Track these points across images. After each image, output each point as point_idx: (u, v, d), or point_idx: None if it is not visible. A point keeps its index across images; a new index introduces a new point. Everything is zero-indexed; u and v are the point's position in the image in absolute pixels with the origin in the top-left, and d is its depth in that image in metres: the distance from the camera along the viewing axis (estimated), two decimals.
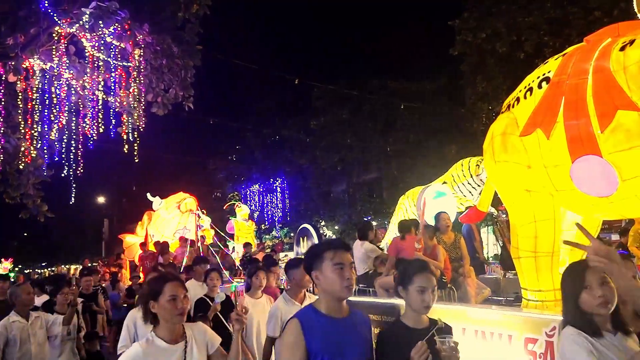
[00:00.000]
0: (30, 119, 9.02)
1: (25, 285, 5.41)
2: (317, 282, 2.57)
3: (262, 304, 5.48)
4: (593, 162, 4.56)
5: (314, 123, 26.40)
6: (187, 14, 9.44)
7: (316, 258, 2.59)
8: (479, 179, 10.23)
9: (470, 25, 16.18)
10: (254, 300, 5.44)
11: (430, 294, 2.85)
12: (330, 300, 2.55)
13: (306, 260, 2.68)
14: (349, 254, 2.59)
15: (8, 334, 4.89)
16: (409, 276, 2.88)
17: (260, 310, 5.38)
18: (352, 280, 2.50)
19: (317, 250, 2.66)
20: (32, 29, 8.20)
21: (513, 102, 5.61)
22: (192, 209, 16.14)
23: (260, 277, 5.52)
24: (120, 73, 9.24)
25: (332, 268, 2.51)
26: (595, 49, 4.83)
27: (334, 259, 2.53)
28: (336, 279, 2.50)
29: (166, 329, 2.85)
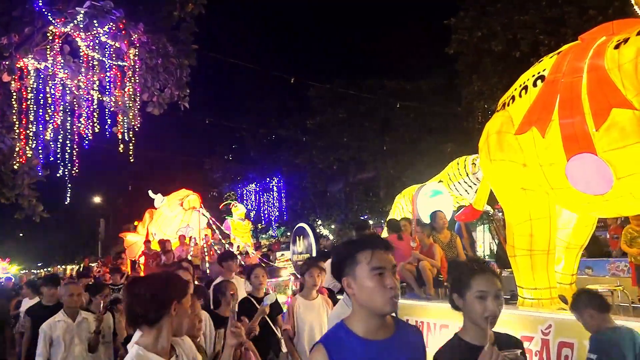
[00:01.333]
0: (25, 119, 8.97)
1: (72, 285, 5.16)
2: (350, 291, 1.94)
3: (318, 306, 4.90)
4: (588, 160, 4.58)
5: (310, 122, 26.41)
6: (182, 13, 9.41)
7: (347, 260, 1.97)
8: (475, 178, 10.25)
9: (466, 24, 16.21)
10: (307, 301, 4.89)
11: (493, 301, 2.24)
12: (367, 316, 1.92)
13: (335, 263, 2.06)
14: (390, 255, 1.98)
15: (52, 334, 4.71)
16: (464, 280, 2.30)
17: (315, 313, 4.83)
18: (397, 289, 1.90)
19: (349, 250, 2.01)
20: (27, 28, 8.17)
21: (508, 101, 5.62)
22: (195, 206, 15.83)
23: (315, 275, 4.89)
24: (115, 72, 9.20)
25: (370, 274, 1.89)
26: (589, 47, 4.84)
27: (372, 261, 1.91)
28: (375, 289, 1.88)
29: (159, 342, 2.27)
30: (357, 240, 2.12)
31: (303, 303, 4.87)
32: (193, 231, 15.22)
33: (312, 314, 4.82)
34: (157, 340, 2.25)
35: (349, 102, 24.70)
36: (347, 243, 2.12)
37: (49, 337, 4.69)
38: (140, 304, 2.23)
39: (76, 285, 5.21)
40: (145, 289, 2.25)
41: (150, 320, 2.24)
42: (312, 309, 4.84)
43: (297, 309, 4.81)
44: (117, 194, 39.29)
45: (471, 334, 2.28)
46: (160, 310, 2.25)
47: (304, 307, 4.83)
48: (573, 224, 5.82)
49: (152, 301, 2.24)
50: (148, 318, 2.24)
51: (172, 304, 2.27)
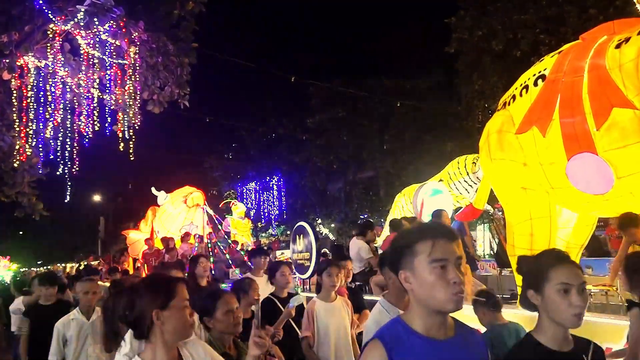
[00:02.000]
0: (25, 117, 8.97)
1: (88, 283, 4.97)
2: (408, 287, 1.76)
3: (339, 309, 4.53)
4: (589, 159, 4.58)
5: (310, 121, 26.41)
6: (182, 11, 9.40)
7: (405, 252, 1.76)
8: (475, 177, 10.26)
9: (466, 23, 16.21)
10: (327, 304, 4.48)
11: (579, 295, 1.97)
12: (427, 313, 1.73)
13: (391, 254, 1.85)
14: (455, 245, 1.76)
15: (65, 332, 4.53)
16: (542, 271, 2.04)
17: (337, 316, 4.47)
18: (462, 284, 1.70)
19: (407, 239, 1.79)
20: (27, 26, 8.16)
21: (509, 100, 5.62)
22: (199, 204, 15.64)
23: (334, 275, 4.49)
24: (115, 71, 9.20)
25: (430, 267, 1.69)
26: (590, 46, 4.85)
27: (433, 252, 1.70)
28: (436, 284, 1.69)
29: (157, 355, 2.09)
30: (416, 229, 1.86)
31: (323, 306, 4.45)
32: (197, 229, 15.03)
33: (334, 318, 4.43)
34: (154, 353, 2.09)
35: (348, 101, 24.70)
36: (405, 232, 1.88)
37: (62, 335, 4.52)
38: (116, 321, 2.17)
39: (92, 283, 5.05)
40: (121, 303, 2.12)
41: (138, 335, 2.10)
42: (333, 312, 4.46)
43: (317, 313, 4.40)
44: (116, 193, 39.33)
45: (549, 335, 2.02)
46: (141, 324, 2.07)
47: (324, 311, 4.42)
48: (573, 223, 5.82)
49: (129, 315, 2.09)
50: (135, 334, 2.10)
51: (151, 313, 2.05)
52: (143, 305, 2.07)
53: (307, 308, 4.47)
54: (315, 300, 4.51)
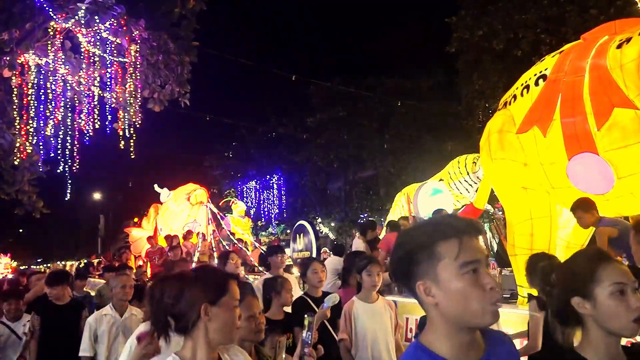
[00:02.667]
0: (26, 115, 8.98)
1: (123, 276, 4.76)
2: (429, 301, 1.38)
3: (380, 310, 4.17)
4: (589, 159, 4.59)
5: (310, 120, 26.39)
6: (183, 9, 9.40)
7: (421, 256, 1.38)
8: (475, 177, 10.25)
9: (467, 22, 16.19)
10: (367, 305, 4.15)
11: (634, 295, 1.64)
12: (456, 332, 1.38)
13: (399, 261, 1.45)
14: (481, 242, 1.46)
15: (97, 328, 4.33)
16: (588, 274, 1.69)
17: (378, 319, 4.12)
18: (497, 292, 1.36)
19: (422, 240, 1.40)
20: (27, 24, 8.16)
21: (510, 100, 5.63)
22: (202, 201, 15.45)
23: (374, 274, 4.11)
24: (116, 69, 9.21)
25: (459, 272, 1.34)
26: (592, 46, 4.85)
27: (461, 254, 1.34)
28: (469, 292, 1.33)
29: (197, 355, 1.89)
30: (432, 226, 1.46)
31: (362, 307, 4.11)
32: (200, 227, 14.84)
33: (375, 320, 4.10)
34: (194, 352, 1.88)
35: (348, 100, 24.69)
36: (416, 231, 1.49)
37: (94, 331, 4.32)
38: (163, 311, 1.86)
39: (128, 277, 4.82)
40: (168, 291, 1.87)
41: (179, 329, 1.88)
42: (374, 314, 4.12)
43: (356, 315, 4.10)
44: (116, 191, 39.32)
45: (601, 350, 1.64)
46: (186, 317, 1.86)
47: (363, 312, 4.09)
48: (573, 223, 5.82)
49: (175, 306, 1.86)
50: (177, 327, 1.87)
51: (200, 307, 1.85)
52: (193, 297, 1.87)
53: (344, 309, 4.15)
54: (354, 301, 4.17)
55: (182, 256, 11.28)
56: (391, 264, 1.52)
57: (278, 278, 4.28)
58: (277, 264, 5.41)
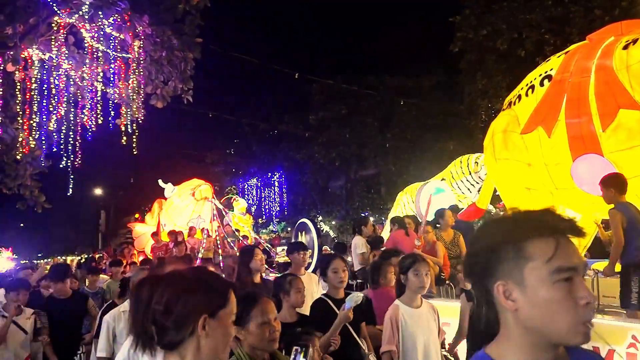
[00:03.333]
0: (29, 109, 8.96)
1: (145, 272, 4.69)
2: (509, 305, 1.17)
3: (426, 316, 3.72)
4: (594, 161, 4.58)
5: (312, 118, 26.38)
6: (187, 6, 9.37)
7: (505, 253, 1.17)
8: (478, 176, 10.24)
9: (471, 22, 16.16)
10: (412, 310, 3.68)
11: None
12: (537, 347, 1.18)
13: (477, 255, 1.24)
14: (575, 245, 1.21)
15: (115, 326, 4.09)
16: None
17: (425, 325, 3.66)
18: (592, 309, 1.15)
19: (510, 234, 1.20)
20: (31, 18, 8.14)
21: (514, 100, 5.61)
22: (207, 197, 15.30)
23: (422, 274, 3.65)
24: (119, 64, 9.19)
25: (551, 279, 1.13)
26: (597, 47, 4.83)
27: (557, 257, 1.14)
28: (561, 304, 1.13)
29: None
30: (526, 218, 1.23)
31: (408, 312, 3.63)
32: (204, 222, 14.71)
33: (422, 327, 3.61)
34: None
35: (351, 98, 24.68)
36: (504, 222, 1.27)
37: (112, 330, 4.07)
38: (151, 319, 1.45)
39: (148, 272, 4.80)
40: (159, 295, 1.46)
41: (166, 344, 1.47)
42: (420, 320, 3.64)
43: (402, 321, 3.60)
44: (118, 186, 39.30)
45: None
46: (178, 330, 1.46)
47: (409, 318, 3.59)
48: None
49: (166, 315, 1.44)
50: (162, 341, 1.46)
51: (198, 318, 1.47)
52: (190, 305, 1.47)
53: (389, 316, 3.65)
54: (399, 305, 3.67)
55: (186, 252, 11.23)
56: (467, 256, 1.31)
57: (287, 276, 4.00)
58: (299, 261, 5.08)
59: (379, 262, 4.66)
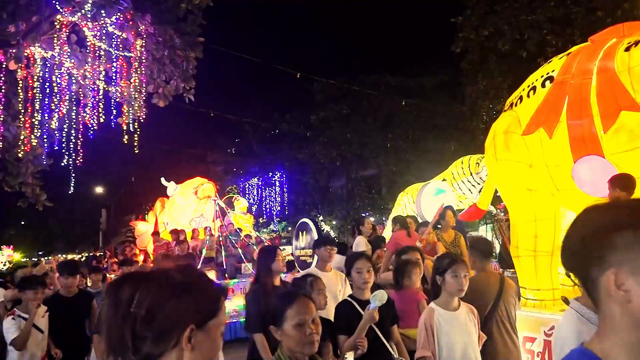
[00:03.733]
0: (31, 108, 8.98)
1: None
2: (620, 297, 1.07)
3: (464, 319, 3.46)
4: (595, 162, 4.58)
5: (313, 118, 26.40)
6: (189, 5, 9.39)
7: (625, 235, 1.07)
8: (479, 177, 10.25)
9: (473, 22, 16.15)
10: (449, 313, 3.44)
11: None
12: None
13: (588, 237, 1.12)
14: None
15: None
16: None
17: (463, 329, 3.40)
18: None
19: (634, 215, 1.11)
20: (34, 16, 8.16)
21: (516, 101, 5.61)
22: (210, 195, 15.21)
23: (461, 276, 3.40)
24: (121, 63, 9.20)
25: None
26: (599, 49, 4.83)
27: None
28: None
29: None
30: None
31: (444, 316, 3.39)
32: (207, 221, 14.60)
33: (460, 332, 3.36)
34: None
35: (352, 98, 24.69)
36: (620, 205, 1.20)
37: None
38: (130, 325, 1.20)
39: None
40: (141, 298, 1.22)
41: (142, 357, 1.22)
42: (458, 324, 3.38)
43: (438, 325, 3.37)
44: (119, 185, 39.32)
45: None
46: (159, 340, 1.22)
47: (446, 322, 3.35)
48: None
49: (147, 321, 1.20)
50: (138, 352, 1.21)
51: (184, 328, 1.23)
52: (177, 312, 1.24)
53: (423, 319, 3.43)
54: (434, 308, 3.43)
55: (188, 250, 11.19)
56: (567, 242, 1.19)
57: (308, 277, 3.93)
58: (325, 257, 4.80)
59: (403, 262, 4.50)
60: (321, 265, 4.84)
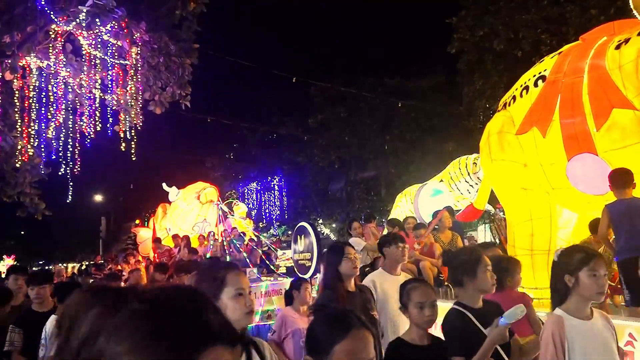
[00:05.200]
0: (27, 117, 9.01)
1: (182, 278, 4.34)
2: None
3: (600, 331, 2.66)
4: (589, 160, 4.60)
5: (311, 121, 26.42)
6: (184, 12, 9.43)
7: None
8: (476, 177, 10.26)
9: (468, 23, 16.21)
10: (583, 323, 2.64)
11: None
12: None
13: None
14: None
15: None
16: None
17: (600, 343, 2.63)
18: None
19: None
20: (29, 26, 8.19)
21: (509, 101, 5.64)
22: (213, 200, 15.12)
23: (602, 275, 2.59)
24: (117, 71, 9.24)
25: None
26: (590, 47, 4.86)
27: None
28: None
29: None
30: None
31: (577, 327, 2.59)
32: (210, 226, 14.49)
33: (597, 347, 2.62)
34: None
35: (350, 100, 24.74)
36: None
37: None
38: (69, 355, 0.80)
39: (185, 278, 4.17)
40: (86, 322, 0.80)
41: None
42: (594, 337, 2.63)
43: (570, 340, 2.58)
44: (118, 193, 39.36)
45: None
46: None
47: (579, 334, 2.59)
48: (573, 223, 5.84)
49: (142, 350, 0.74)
50: None
51: None
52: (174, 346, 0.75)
53: (550, 330, 2.60)
54: (564, 318, 2.61)
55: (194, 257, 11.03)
56: None
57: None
58: (396, 257, 4.04)
59: (506, 259, 3.81)
60: (390, 267, 4.00)
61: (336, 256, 3.60)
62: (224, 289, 2.07)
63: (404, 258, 4.05)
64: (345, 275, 3.57)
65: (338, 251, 3.64)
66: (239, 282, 2.09)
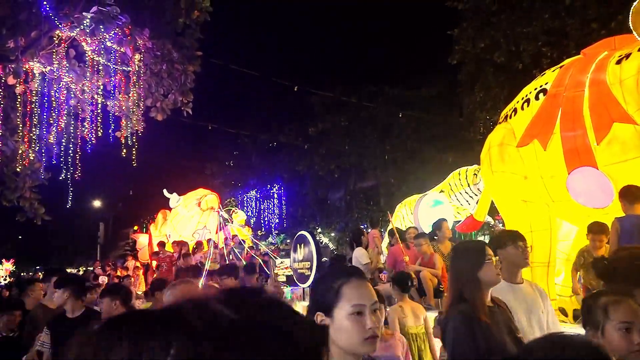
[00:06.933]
0: (29, 122, 9.04)
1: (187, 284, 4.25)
2: None
3: None
4: (589, 173, 4.62)
5: (311, 129, 26.46)
6: (187, 19, 9.48)
7: None
8: (476, 188, 10.27)
9: (469, 34, 16.28)
10: None
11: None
12: None
13: None
14: None
15: None
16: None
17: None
18: None
19: None
20: (33, 32, 8.24)
21: (510, 113, 5.67)
22: (213, 207, 15.09)
23: None
24: (119, 77, 9.29)
25: None
26: (591, 61, 4.90)
27: None
28: None
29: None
30: None
31: None
32: (210, 233, 14.43)
33: None
34: None
35: (350, 109, 24.78)
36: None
37: None
38: None
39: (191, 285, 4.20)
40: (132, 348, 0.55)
41: None
42: None
43: None
44: (117, 199, 39.33)
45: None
46: None
47: None
48: (573, 236, 5.84)
49: None
50: None
51: None
52: None
53: None
54: None
55: (194, 264, 10.99)
56: None
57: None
58: (517, 260, 3.18)
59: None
60: (510, 273, 3.06)
61: (476, 257, 2.72)
62: (338, 303, 1.60)
63: (526, 261, 3.16)
64: (487, 284, 2.70)
65: (478, 252, 2.75)
66: (357, 295, 1.59)
